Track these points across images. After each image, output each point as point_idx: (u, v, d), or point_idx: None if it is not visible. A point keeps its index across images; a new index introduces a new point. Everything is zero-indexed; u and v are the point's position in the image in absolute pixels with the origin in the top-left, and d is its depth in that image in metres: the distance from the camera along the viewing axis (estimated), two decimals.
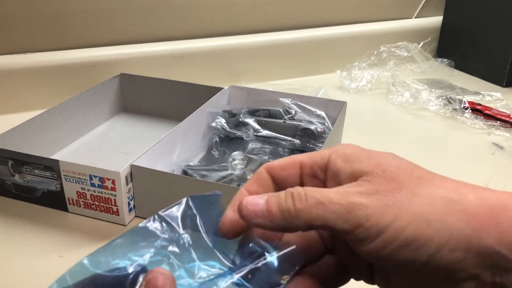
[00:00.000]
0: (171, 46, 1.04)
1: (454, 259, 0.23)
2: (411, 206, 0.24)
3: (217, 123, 0.80)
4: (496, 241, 0.23)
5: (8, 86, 0.90)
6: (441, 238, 0.23)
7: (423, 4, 1.33)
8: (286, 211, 0.25)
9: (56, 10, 0.93)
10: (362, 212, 0.24)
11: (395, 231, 0.24)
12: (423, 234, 0.23)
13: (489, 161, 0.81)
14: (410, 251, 0.23)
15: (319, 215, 0.24)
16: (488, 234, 0.23)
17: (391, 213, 0.24)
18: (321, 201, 0.24)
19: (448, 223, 0.24)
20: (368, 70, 1.14)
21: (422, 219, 0.24)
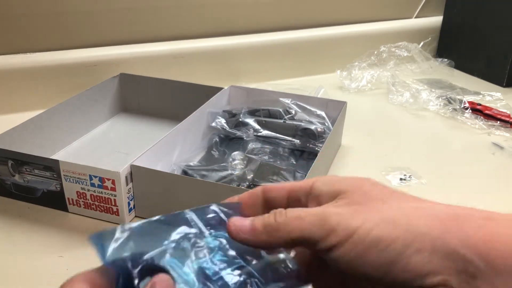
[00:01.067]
0: (171, 46, 1.04)
1: (420, 260, 0.24)
2: (379, 211, 0.26)
3: (217, 123, 0.80)
4: (461, 245, 0.24)
5: (8, 86, 0.90)
6: (406, 239, 0.24)
7: (423, 4, 1.33)
8: (268, 225, 0.27)
9: (56, 10, 0.93)
10: (334, 219, 0.26)
11: (363, 233, 0.25)
12: (389, 235, 0.25)
13: (489, 161, 0.81)
14: (378, 252, 0.25)
15: (296, 227, 0.26)
16: (453, 237, 0.24)
17: (360, 217, 0.26)
18: (299, 215, 0.27)
19: (413, 224, 0.25)
20: (368, 70, 1.14)
21: (389, 222, 0.25)
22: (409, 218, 0.25)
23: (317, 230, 0.26)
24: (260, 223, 0.28)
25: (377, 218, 0.26)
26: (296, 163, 0.74)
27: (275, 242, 0.27)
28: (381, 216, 0.26)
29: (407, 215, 0.26)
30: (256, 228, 0.28)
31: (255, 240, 0.28)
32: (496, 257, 0.23)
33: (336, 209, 0.27)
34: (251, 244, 0.28)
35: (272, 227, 0.27)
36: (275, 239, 0.27)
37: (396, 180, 0.73)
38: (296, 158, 0.75)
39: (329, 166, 0.76)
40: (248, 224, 0.28)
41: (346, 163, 0.78)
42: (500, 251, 0.23)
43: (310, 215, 0.27)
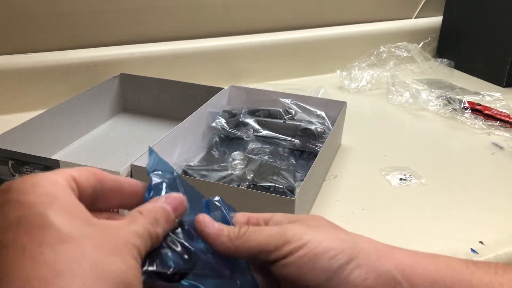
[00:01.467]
0: (171, 46, 1.04)
1: (359, 275, 0.29)
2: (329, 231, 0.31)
3: (217, 123, 0.80)
4: (393, 268, 0.29)
5: (8, 86, 0.91)
6: (351, 253, 0.29)
7: (423, 4, 1.33)
8: (232, 232, 0.31)
9: (56, 10, 0.93)
10: (290, 232, 0.30)
11: (315, 242, 0.30)
12: (338, 247, 0.30)
13: (489, 161, 0.81)
14: (326, 259, 0.29)
15: (255, 238, 0.30)
16: (387, 261, 0.30)
17: (313, 233, 0.30)
18: (259, 229, 0.31)
19: (358, 244, 0.30)
20: (368, 70, 1.14)
21: (338, 238, 0.30)
22: (354, 240, 0.31)
23: (273, 241, 0.30)
24: (225, 228, 0.31)
25: (327, 235, 0.30)
26: (296, 163, 0.74)
27: (233, 249, 0.31)
28: (331, 235, 0.31)
29: (353, 238, 0.31)
30: (221, 230, 0.31)
31: (215, 239, 0.31)
32: (417, 280, 0.29)
33: (292, 226, 0.31)
34: (211, 241, 0.31)
35: (235, 235, 0.31)
36: (235, 245, 0.30)
37: (396, 180, 0.73)
38: (296, 158, 0.75)
39: (329, 166, 0.76)
40: (216, 224, 0.31)
41: (346, 163, 0.78)
42: (420, 275, 0.29)
43: (268, 229, 0.31)
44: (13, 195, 0.23)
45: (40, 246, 0.21)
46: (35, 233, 0.21)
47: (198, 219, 0.31)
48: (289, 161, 0.74)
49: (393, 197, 0.69)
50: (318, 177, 0.69)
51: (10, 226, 0.22)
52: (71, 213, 0.23)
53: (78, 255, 0.21)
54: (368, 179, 0.73)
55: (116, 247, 0.23)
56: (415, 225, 0.63)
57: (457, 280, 0.29)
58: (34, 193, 0.23)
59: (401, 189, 0.71)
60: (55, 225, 0.22)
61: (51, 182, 0.24)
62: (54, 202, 0.23)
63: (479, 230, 0.61)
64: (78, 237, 0.22)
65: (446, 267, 0.29)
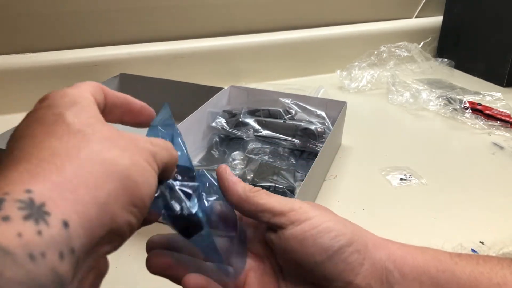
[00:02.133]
0: (171, 46, 1.04)
1: (356, 259, 0.30)
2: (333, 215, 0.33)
3: (217, 123, 0.80)
4: (386, 257, 0.31)
5: (8, 86, 0.90)
6: (352, 237, 0.31)
7: (423, 4, 1.33)
8: (247, 186, 0.33)
9: (56, 10, 0.93)
10: (298, 204, 0.32)
11: (319, 220, 0.31)
12: (340, 229, 0.31)
13: (489, 161, 0.81)
14: (328, 238, 0.30)
15: (265, 198, 0.32)
16: (382, 251, 0.32)
17: (318, 212, 0.32)
18: (270, 194, 0.33)
19: (357, 232, 0.32)
20: (368, 70, 1.14)
21: (341, 222, 0.32)
22: (355, 228, 0.32)
23: (281, 206, 0.32)
24: (242, 182, 0.33)
25: (330, 217, 0.32)
26: (296, 163, 0.74)
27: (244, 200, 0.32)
28: (333, 217, 0.32)
29: (353, 226, 0.33)
30: (239, 181, 0.33)
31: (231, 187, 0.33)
32: (407, 270, 0.31)
33: (300, 201, 0.33)
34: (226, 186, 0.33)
35: (249, 190, 0.33)
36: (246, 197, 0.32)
37: (396, 180, 0.73)
38: (296, 158, 0.75)
39: (329, 166, 0.76)
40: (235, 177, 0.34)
41: (346, 163, 0.78)
42: (409, 265, 0.31)
43: (278, 197, 0.33)
44: (43, 103, 0.25)
45: (48, 136, 0.22)
46: (48, 127, 0.23)
47: (221, 167, 0.34)
48: (289, 161, 0.74)
49: (394, 197, 0.69)
50: (318, 177, 0.69)
51: (32, 123, 0.23)
52: (89, 115, 0.24)
53: (81, 145, 0.22)
54: (368, 179, 0.73)
55: (126, 144, 0.24)
56: (415, 225, 0.63)
57: (442, 270, 0.30)
58: (60, 100, 0.25)
59: (401, 189, 0.71)
60: (67, 121, 0.23)
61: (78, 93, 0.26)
62: (74, 106, 0.24)
63: (479, 230, 0.61)
64: (87, 132, 0.23)
65: (432, 258, 0.31)
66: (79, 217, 0.20)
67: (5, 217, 0.18)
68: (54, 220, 0.19)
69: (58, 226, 0.19)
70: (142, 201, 0.23)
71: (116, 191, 0.22)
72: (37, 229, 0.18)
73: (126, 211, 0.22)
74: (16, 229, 0.18)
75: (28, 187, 0.19)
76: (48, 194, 0.20)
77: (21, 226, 0.18)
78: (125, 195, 0.22)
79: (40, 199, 0.19)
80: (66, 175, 0.21)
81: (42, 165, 0.21)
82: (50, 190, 0.20)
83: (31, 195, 0.19)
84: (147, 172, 0.24)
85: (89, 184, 0.21)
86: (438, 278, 0.30)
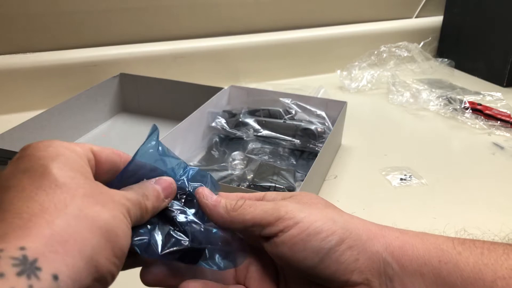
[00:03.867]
0: (171, 46, 1.04)
1: (350, 256, 0.29)
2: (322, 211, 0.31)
3: (217, 123, 0.80)
4: (383, 249, 0.30)
5: (8, 86, 0.90)
6: (342, 234, 0.30)
7: (423, 4, 1.33)
8: (229, 204, 0.32)
9: (56, 10, 0.93)
10: (283, 209, 0.31)
11: (308, 222, 0.30)
12: (330, 228, 0.30)
13: (490, 161, 0.81)
14: (318, 240, 0.29)
15: (250, 212, 0.31)
16: (377, 242, 0.30)
17: (306, 211, 0.31)
18: (254, 203, 0.32)
19: (349, 225, 0.30)
20: (368, 70, 1.14)
21: (330, 219, 0.30)
22: (347, 221, 0.31)
23: (267, 216, 0.31)
24: (223, 200, 0.32)
25: (320, 215, 0.31)
26: (296, 163, 0.74)
27: (229, 220, 0.32)
28: (323, 214, 0.31)
29: (345, 219, 0.31)
30: (219, 201, 0.32)
31: (213, 210, 0.32)
32: (406, 261, 0.29)
33: (286, 202, 0.32)
34: (208, 211, 0.32)
35: (231, 207, 0.32)
36: (230, 216, 0.32)
37: (396, 180, 0.73)
38: (296, 158, 0.75)
39: (329, 166, 0.76)
40: (215, 196, 0.33)
41: (346, 163, 0.78)
42: (409, 256, 0.29)
43: (263, 204, 0.32)
44: (28, 151, 0.26)
45: (36, 189, 0.24)
46: (35, 179, 0.24)
47: (198, 190, 0.33)
48: (289, 161, 0.74)
49: (394, 197, 0.69)
50: (318, 177, 0.69)
51: (18, 173, 0.25)
52: (72, 167, 0.26)
53: (66, 199, 0.24)
54: (369, 179, 0.73)
55: (105, 200, 0.26)
56: (415, 225, 0.62)
57: (444, 261, 0.29)
58: (45, 150, 0.26)
59: (401, 189, 0.71)
60: (53, 173, 0.25)
61: (63, 146, 0.27)
62: (59, 158, 0.26)
63: (479, 230, 0.61)
64: (71, 185, 0.25)
65: (434, 247, 0.30)
66: (68, 269, 0.22)
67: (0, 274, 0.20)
68: (45, 274, 0.21)
69: (48, 280, 0.21)
70: (122, 251, 0.26)
71: (99, 244, 0.24)
72: (29, 284, 0.20)
73: (109, 261, 0.24)
74: (10, 284, 0.20)
75: (21, 244, 0.21)
76: (40, 249, 0.21)
77: (14, 281, 0.20)
78: (108, 247, 0.24)
79: (33, 255, 0.21)
80: (56, 230, 0.22)
81: (33, 220, 0.22)
82: (42, 245, 0.22)
83: (25, 252, 0.21)
84: (124, 224, 0.26)
85: (76, 238, 0.23)
86: (440, 269, 0.29)
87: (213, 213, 0.32)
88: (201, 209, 0.32)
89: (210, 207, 0.32)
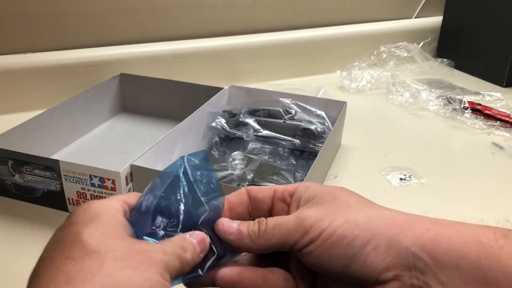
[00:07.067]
0: (171, 46, 1.04)
1: (376, 257, 0.28)
2: (345, 214, 0.30)
3: (217, 123, 0.80)
4: (412, 244, 0.28)
5: (8, 86, 0.90)
6: (365, 237, 0.29)
7: (423, 4, 1.33)
8: (252, 232, 0.32)
9: (56, 10, 0.93)
10: (307, 222, 0.30)
11: (330, 231, 0.29)
12: (351, 233, 0.29)
13: (489, 161, 0.81)
14: (342, 247, 0.29)
15: (276, 234, 0.31)
16: (406, 237, 0.28)
17: (329, 218, 0.30)
18: (277, 223, 0.31)
19: (372, 226, 0.29)
20: (368, 70, 1.14)
21: (352, 223, 0.30)
22: (370, 220, 0.30)
23: (293, 234, 0.30)
24: (245, 229, 0.32)
25: (342, 220, 0.30)
26: (296, 163, 0.74)
27: (255, 247, 0.32)
28: (345, 218, 0.30)
29: (368, 218, 0.30)
30: (242, 232, 0.32)
31: (239, 243, 0.32)
32: (439, 254, 0.27)
33: (309, 212, 0.31)
34: (235, 245, 0.32)
35: (256, 235, 0.31)
36: (256, 244, 0.31)
37: (396, 180, 0.73)
38: (296, 158, 0.75)
39: (329, 166, 0.76)
40: (235, 227, 0.32)
41: (346, 163, 0.78)
42: (443, 248, 0.27)
43: (286, 222, 0.31)
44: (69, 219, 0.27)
45: (65, 259, 0.24)
46: (65, 248, 0.25)
47: (218, 227, 0.32)
48: (289, 161, 0.74)
49: (393, 197, 0.69)
50: (318, 177, 0.69)
51: (54, 243, 0.26)
52: (105, 229, 0.26)
53: (94, 267, 0.24)
54: (368, 179, 0.73)
55: (139, 261, 0.25)
56: None
57: (485, 255, 0.26)
58: (83, 215, 0.27)
59: (401, 189, 0.71)
60: (83, 240, 0.25)
61: (101, 204, 0.28)
62: (94, 221, 0.26)
63: None
64: (101, 251, 0.25)
65: (472, 240, 0.27)
66: None
67: None
68: None
69: None
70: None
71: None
72: None
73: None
74: None
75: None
76: None
77: None
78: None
79: None
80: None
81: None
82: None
83: None
84: (160, 284, 0.26)
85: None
86: (480, 263, 0.26)
87: (240, 246, 0.32)
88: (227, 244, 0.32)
89: (235, 242, 0.32)
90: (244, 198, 0.35)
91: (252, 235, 0.31)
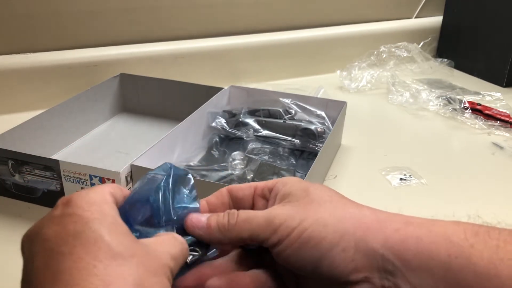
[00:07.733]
0: (171, 46, 1.04)
1: (345, 258, 0.28)
2: (315, 214, 0.30)
3: (217, 123, 0.80)
4: (380, 245, 0.28)
5: (8, 86, 0.90)
6: (333, 239, 0.28)
7: (423, 4, 1.33)
8: (221, 225, 0.31)
9: (56, 10, 0.93)
10: (277, 220, 0.30)
11: (298, 232, 0.29)
12: (319, 234, 0.29)
13: (489, 161, 0.81)
14: (309, 249, 0.29)
15: (246, 229, 0.31)
16: (374, 238, 0.28)
17: (298, 218, 0.30)
18: (249, 217, 0.31)
19: (341, 227, 0.29)
20: (368, 70, 1.14)
21: (320, 224, 0.29)
22: (338, 221, 0.29)
23: (262, 230, 0.30)
24: (214, 222, 0.32)
25: (311, 220, 0.29)
26: (296, 163, 0.74)
27: (226, 240, 0.31)
28: (314, 219, 0.29)
29: (337, 219, 0.29)
30: (210, 226, 0.32)
31: (209, 237, 0.32)
32: (408, 256, 0.27)
33: (280, 210, 0.31)
34: (204, 239, 0.32)
35: (225, 228, 0.31)
36: (227, 238, 0.31)
37: (396, 180, 0.73)
38: (296, 158, 0.75)
39: (329, 166, 0.76)
40: (204, 221, 0.32)
41: (346, 163, 0.78)
42: (412, 250, 0.27)
43: (257, 217, 0.31)
44: (70, 209, 0.26)
45: (93, 260, 0.24)
46: (90, 248, 0.25)
47: (186, 222, 0.32)
48: (289, 161, 0.74)
49: (393, 197, 0.69)
50: (318, 177, 0.69)
51: (68, 238, 0.25)
52: (119, 231, 0.27)
53: (124, 272, 0.24)
54: (368, 179, 0.73)
55: (156, 267, 0.26)
56: None
57: (454, 255, 0.26)
58: (89, 209, 0.26)
59: (401, 189, 0.71)
60: (106, 241, 0.25)
61: (102, 200, 0.28)
62: (104, 220, 0.26)
63: None
64: (125, 255, 0.25)
65: (443, 239, 0.27)
66: None
67: None
68: None
69: None
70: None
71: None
72: None
73: None
74: None
75: None
76: None
77: None
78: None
79: None
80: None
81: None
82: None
83: None
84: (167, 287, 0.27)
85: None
86: (450, 264, 0.26)
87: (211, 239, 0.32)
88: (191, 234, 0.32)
89: (205, 236, 0.32)
90: (225, 199, 0.35)
91: (222, 228, 0.31)
